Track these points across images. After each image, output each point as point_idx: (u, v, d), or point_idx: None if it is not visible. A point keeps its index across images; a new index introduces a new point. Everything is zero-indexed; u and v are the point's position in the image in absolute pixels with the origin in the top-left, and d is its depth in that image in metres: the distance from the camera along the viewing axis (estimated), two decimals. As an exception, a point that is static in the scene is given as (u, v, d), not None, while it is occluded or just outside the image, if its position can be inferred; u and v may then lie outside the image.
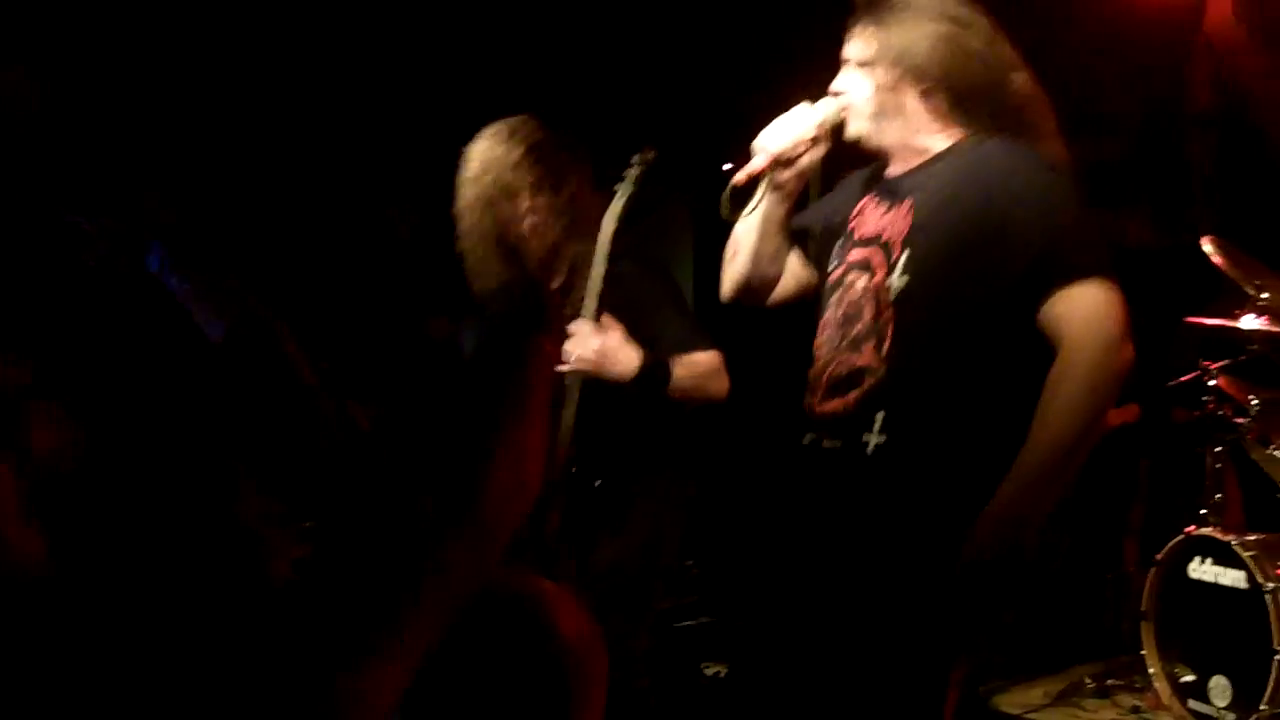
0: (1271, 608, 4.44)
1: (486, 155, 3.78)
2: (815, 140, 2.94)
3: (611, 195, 3.70)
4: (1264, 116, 6.64)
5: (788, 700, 2.90)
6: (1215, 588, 4.69)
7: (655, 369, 3.63)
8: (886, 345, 2.80)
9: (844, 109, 2.93)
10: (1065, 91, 7.10)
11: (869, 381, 2.82)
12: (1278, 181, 6.54)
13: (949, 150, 2.87)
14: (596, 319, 3.62)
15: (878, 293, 2.83)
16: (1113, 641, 5.61)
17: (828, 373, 2.91)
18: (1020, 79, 2.91)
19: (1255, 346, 5.01)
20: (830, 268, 3.04)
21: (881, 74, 2.86)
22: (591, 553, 3.76)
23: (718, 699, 4.94)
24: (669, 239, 7.02)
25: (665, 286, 3.85)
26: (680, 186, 6.80)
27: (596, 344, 3.58)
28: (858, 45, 2.92)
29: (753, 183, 3.00)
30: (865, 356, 2.83)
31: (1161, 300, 5.98)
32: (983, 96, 2.85)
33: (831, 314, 2.97)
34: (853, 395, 2.84)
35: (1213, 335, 5.17)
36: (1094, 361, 2.66)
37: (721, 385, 3.75)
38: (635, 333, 3.64)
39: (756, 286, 3.17)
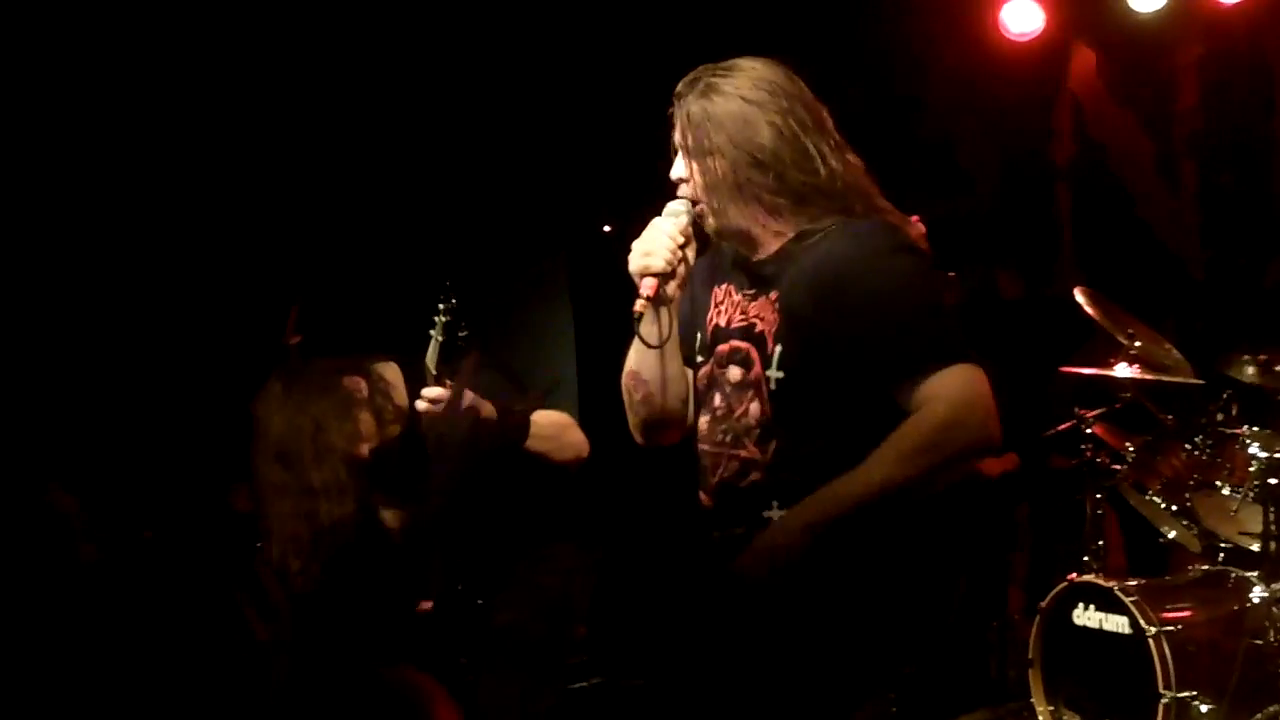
0: (1155, 652, 4.50)
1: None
2: (686, 245, 2.91)
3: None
4: (1123, 170, 6.81)
5: None
6: (1099, 633, 4.74)
7: (514, 415, 3.80)
8: (771, 439, 2.82)
9: (696, 203, 2.89)
10: (933, 147, 7.28)
11: (754, 475, 2.84)
12: (1137, 232, 6.71)
13: (807, 234, 2.84)
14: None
15: (758, 386, 2.84)
16: (1000, 689, 5.66)
17: (718, 473, 2.91)
18: (846, 151, 2.88)
19: (1129, 394, 5.11)
20: (699, 362, 3.01)
21: (716, 159, 2.82)
22: (495, 615, 3.85)
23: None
24: (546, 296, 7.03)
25: (500, 368, 3.98)
26: (557, 244, 6.82)
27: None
28: (684, 132, 2.86)
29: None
30: (749, 450, 2.85)
31: (1035, 350, 6.10)
32: (815, 168, 2.82)
33: (709, 409, 2.96)
34: (743, 488, 2.86)
35: (1087, 384, 5.26)
36: (946, 422, 2.66)
37: (578, 438, 3.91)
38: None
39: (679, 415, 3.06)
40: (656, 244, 2.87)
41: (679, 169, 2.90)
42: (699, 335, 3.01)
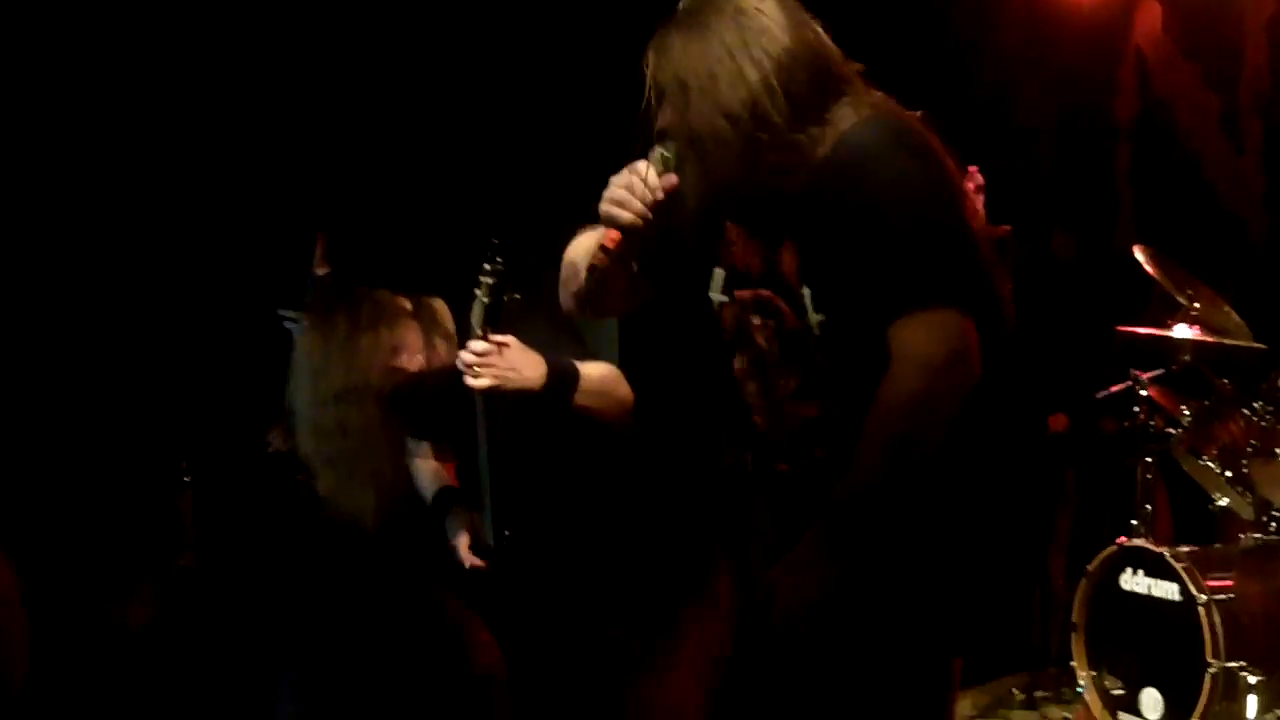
0: (1204, 620, 4.41)
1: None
2: (662, 201, 2.66)
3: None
4: (1188, 127, 6.65)
5: None
6: (1147, 599, 4.65)
7: (563, 370, 3.59)
8: (831, 389, 2.64)
9: (678, 150, 2.65)
10: (991, 103, 7.13)
11: (829, 433, 2.65)
12: (1198, 192, 6.56)
13: (817, 167, 2.58)
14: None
15: (798, 335, 2.66)
16: (1040, 653, 5.58)
17: (779, 432, 2.73)
18: (834, 52, 2.63)
19: (1186, 357, 4.99)
20: (715, 299, 2.80)
21: (695, 104, 2.58)
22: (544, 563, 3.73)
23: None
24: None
25: (546, 314, 3.70)
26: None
27: (499, 358, 3.50)
28: (659, 79, 2.64)
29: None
30: (811, 408, 2.68)
31: (1088, 310, 5.98)
32: (810, 89, 2.57)
33: (743, 359, 2.77)
34: (818, 452, 2.68)
35: (1141, 345, 5.14)
36: (917, 393, 2.48)
37: (626, 392, 3.74)
38: None
39: (606, 310, 2.99)
40: (629, 195, 2.66)
41: (663, 117, 2.66)
42: (717, 271, 2.80)
